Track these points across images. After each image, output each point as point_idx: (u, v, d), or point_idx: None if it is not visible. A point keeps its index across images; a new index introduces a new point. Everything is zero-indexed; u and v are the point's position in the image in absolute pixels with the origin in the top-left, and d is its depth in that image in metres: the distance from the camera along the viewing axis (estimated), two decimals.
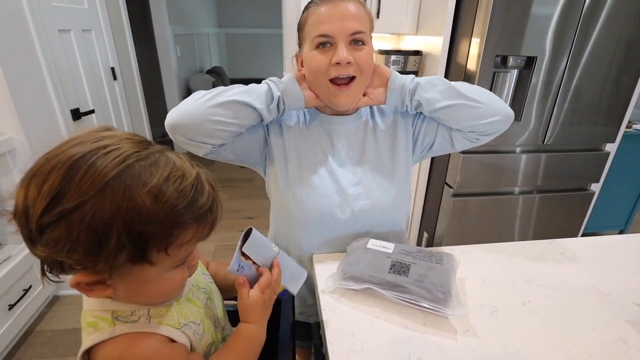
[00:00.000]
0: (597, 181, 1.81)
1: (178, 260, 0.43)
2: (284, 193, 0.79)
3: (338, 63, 0.70)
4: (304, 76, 0.77)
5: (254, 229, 0.56)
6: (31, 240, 0.37)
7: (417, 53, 1.83)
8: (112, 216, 0.36)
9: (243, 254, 0.55)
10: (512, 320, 0.63)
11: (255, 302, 0.54)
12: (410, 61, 1.83)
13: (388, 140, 0.83)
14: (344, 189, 0.78)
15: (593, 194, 1.83)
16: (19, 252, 1.48)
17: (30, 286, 1.50)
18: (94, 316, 0.44)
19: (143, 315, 0.45)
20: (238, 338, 0.54)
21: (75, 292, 0.45)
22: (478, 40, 1.47)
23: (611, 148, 1.76)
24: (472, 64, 1.52)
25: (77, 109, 1.73)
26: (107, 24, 2.03)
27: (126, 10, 2.25)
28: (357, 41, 0.72)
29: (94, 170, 0.36)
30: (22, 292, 1.45)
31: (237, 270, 0.54)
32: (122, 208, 0.36)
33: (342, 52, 0.69)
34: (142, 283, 0.42)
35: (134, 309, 0.45)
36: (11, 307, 1.39)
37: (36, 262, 1.52)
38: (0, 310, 1.34)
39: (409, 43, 2.04)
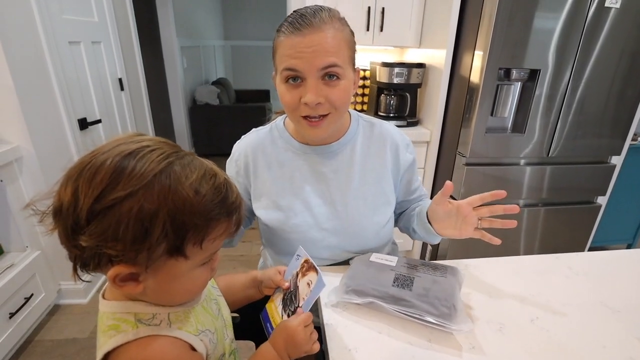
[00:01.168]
0: (604, 194, 1.79)
1: (207, 256, 0.46)
2: (263, 229, 0.82)
3: (306, 103, 0.66)
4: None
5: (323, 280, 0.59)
6: (75, 231, 0.39)
7: (420, 65, 1.84)
8: (159, 206, 0.39)
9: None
10: (520, 337, 0.61)
11: (290, 327, 0.55)
12: (414, 73, 1.84)
13: (376, 169, 0.81)
14: (320, 224, 0.78)
15: (600, 207, 1.81)
16: (22, 259, 1.48)
17: (32, 294, 1.49)
18: (115, 319, 0.45)
19: (164, 320, 0.46)
20: (258, 357, 0.56)
21: (76, 301, 0.46)
22: (481, 53, 1.47)
23: (617, 161, 1.75)
24: (475, 77, 1.53)
25: (84, 119, 1.75)
26: (116, 36, 2.07)
27: (135, 23, 2.30)
28: (331, 75, 0.66)
29: (142, 164, 0.39)
30: (24, 301, 1.44)
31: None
32: (169, 199, 0.39)
33: (311, 95, 0.65)
34: (173, 279, 0.44)
35: (155, 312, 0.46)
36: (12, 315, 1.38)
37: (39, 270, 1.52)
38: (0, 319, 1.34)
39: (413, 55, 2.05)
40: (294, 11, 0.68)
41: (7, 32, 1.32)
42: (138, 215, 0.38)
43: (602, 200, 1.82)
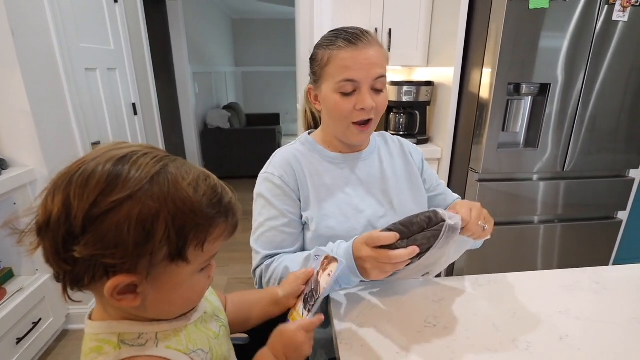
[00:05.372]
0: (624, 209, 1.73)
1: (206, 259, 0.45)
2: (308, 237, 0.81)
3: (363, 109, 0.73)
4: None
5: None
6: (67, 243, 0.36)
7: (429, 83, 1.85)
8: (160, 206, 0.38)
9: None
10: (550, 357, 0.57)
11: (289, 331, 0.55)
12: (422, 91, 1.85)
13: (404, 168, 0.89)
14: (372, 223, 0.80)
15: (621, 222, 1.75)
16: (32, 283, 1.47)
17: (40, 319, 1.47)
18: (98, 340, 0.42)
19: (151, 339, 0.44)
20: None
21: (84, 326, 0.44)
22: (489, 70, 1.48)
23: (636, 174, 1.70)
24: (485, 93, 1.52)
25: (98, 142, 1.79)
26: (131, 63, 2.14)
27: (149, 50, 2.38)
28: (378, 87, 0.75)
29: (139, 166, 0.38)
30: (32, 325, 1.42)
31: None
32: (169, 199, 0.38)
33: (368, 100, 0.73)
34: (173, 287, 0.43)
35: (142, 332, 0.43)
36: (19, 340, 1.35)
37: (48, 294, 1.51)
38: (7, 344, 1.31)
39: (421, 74, 2.07)
40: (338, 30, 0.75)
41: (27, 59, 1.37)
42: (139, 217, 0.36)
43: (622, 216, 1.76)
